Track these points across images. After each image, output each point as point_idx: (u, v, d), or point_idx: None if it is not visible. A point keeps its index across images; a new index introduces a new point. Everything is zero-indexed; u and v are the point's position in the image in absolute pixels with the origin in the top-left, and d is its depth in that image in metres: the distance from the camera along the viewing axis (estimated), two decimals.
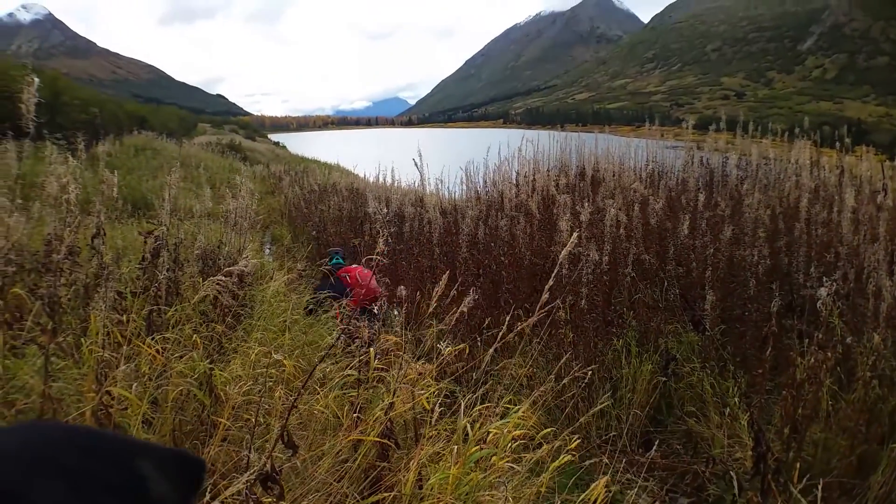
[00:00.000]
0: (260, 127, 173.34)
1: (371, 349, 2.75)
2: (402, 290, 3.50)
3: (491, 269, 5.63)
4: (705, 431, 3.79)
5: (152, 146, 22.17)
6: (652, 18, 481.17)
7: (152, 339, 3.08)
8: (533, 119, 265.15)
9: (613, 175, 7.48)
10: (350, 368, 3.09)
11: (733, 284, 4.65)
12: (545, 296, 2.85)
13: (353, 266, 6.21)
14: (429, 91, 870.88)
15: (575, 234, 2.96)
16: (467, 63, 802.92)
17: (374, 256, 2.55)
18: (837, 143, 6.85)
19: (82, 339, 3.03)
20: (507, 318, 3.52)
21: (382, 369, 3.04)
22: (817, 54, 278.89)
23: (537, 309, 2.87)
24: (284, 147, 66.12)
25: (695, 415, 3.94)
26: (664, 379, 4.08)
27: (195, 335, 3.26)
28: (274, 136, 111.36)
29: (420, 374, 2.97)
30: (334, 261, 6.38)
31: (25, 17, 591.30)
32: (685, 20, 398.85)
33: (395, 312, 3.19)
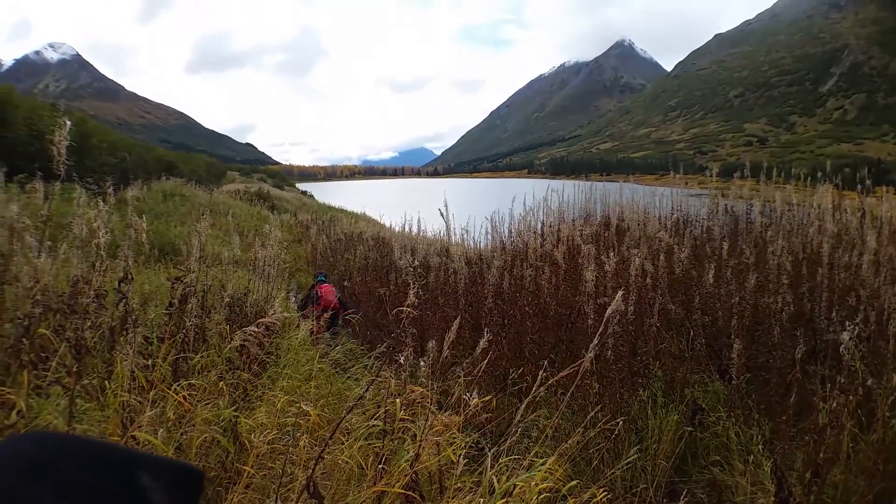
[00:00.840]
0: (288, 175, 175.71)
1: (397, 400, 2.76)
2: (432, 344, 3.52)
3: (516, 319, 5.62)
4: (729, 479, 3.73)
5: (181, 192, 22.41)
6: (675, 66, 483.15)
7: (178, 384, 3.10)
8: (557, 169, 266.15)
9: (638, 224, 7.47)
10: (375, 419, 3.08)
11: (758, 332, 4.60)
12: (590, 353, 2.84)
13: (326, 285, 8.41)
14: (454, 142, 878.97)
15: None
16: (492, 114, 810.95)
17: (405, 309, 2.58)
18: (858, 186, 6.81)
19: (107, 383, 3.06)
20: (534, 371, 3.51)
21: (408, 420, 3.03)
22: (837, 95, 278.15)
23: (568, 367, 2.86)
24: (311, 196, 66.80)
25: (719, 463, 3.89)
26: (690, 429, 4.03)
27: (221, 382, 3.28)
28: (301, 185, 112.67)
29: (446, 425, 2.95)
30: (319, 279, 8.87)
31: (53, 56, 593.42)
32: (708, 67, 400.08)
33: (421, 363, 3.18)
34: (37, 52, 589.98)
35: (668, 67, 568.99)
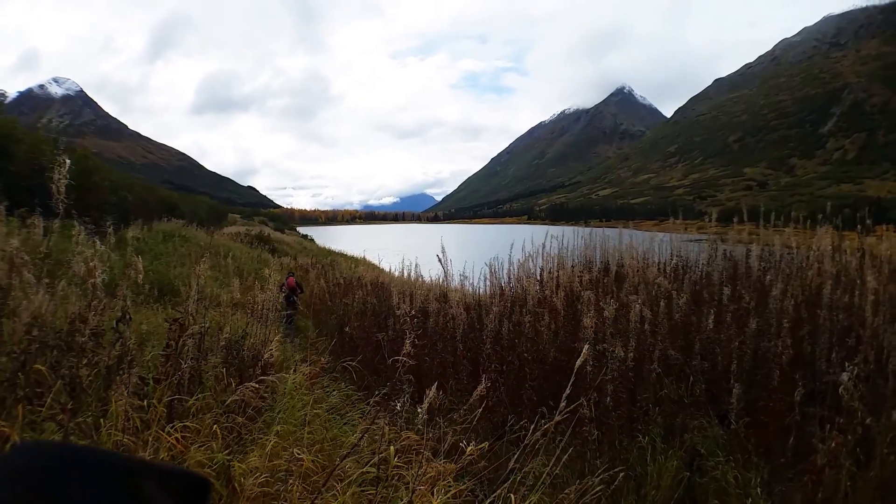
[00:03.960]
0: (289, 219, 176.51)
1: (391, 447, 2.72)
2: (430, 391, 3.48)
3: (514, 365, 5.57)
4: None
5: (181, 233, 22.44)
6: (675, 112, 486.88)
7: (172, 426, 3.06)
8: (557, 215, 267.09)
9: (637, 270, 7.46)
10: (370, 465, 3.03)
11: (758, 376, 4.56)
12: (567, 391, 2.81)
13: (291, 277, 14.74)
14: (455, 187, 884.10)
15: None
16: (493, 160, 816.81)
17: (401, 358, 2.56)
18: (858, 226, 6.77)
19: (102, 421, 3.02)
20: (532, 418, 3.47)
21: (402, 467, 2.98)
22: (838, 136, 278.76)
23: (560, 407, 2.83)
24: (312, 240, 66.99)
25: None
26: (688, 475, 3.97)
27: (215, 426, 3.24)
28: (302, 229, 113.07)
29: (440, 473, 2.90)
30: (289, 274, 15.14)
31: (56, 91, 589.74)
32: (707, 112, 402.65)
33: (418, 409, 3.14)
34: (41, 86, 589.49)
35: (668, 113, 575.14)
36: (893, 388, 3.66)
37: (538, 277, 7.96)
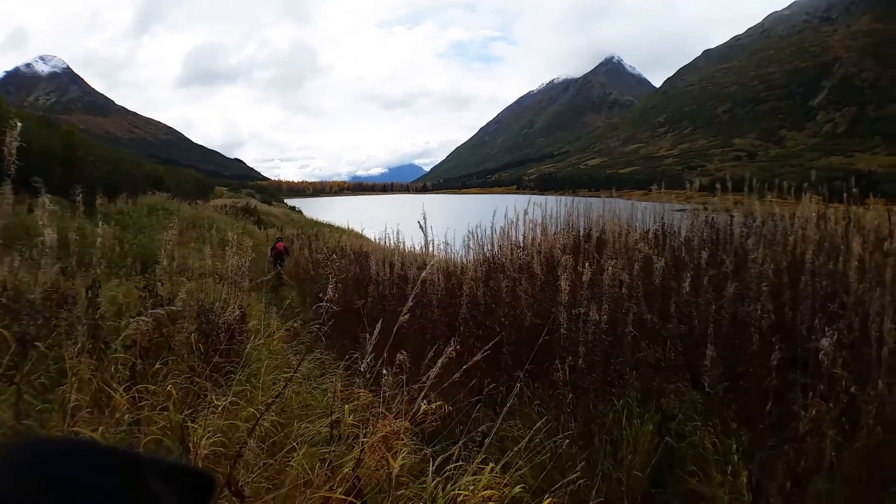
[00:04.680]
0: (277, 191, 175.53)
1: (346, 406, 2.69)
2: (402, 356, 3.46)
3: (492, 329, 5.54)
4: (706, 491, 3.64)
5: (166, 206, 22.36)
6: (664, 83, 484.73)
7: (133, 388, 3.06)
8: (546, 185, 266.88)
9: (619, 236, 7.43)
10: (323, 426, 3.02)
11: (737, 341, 4.52)
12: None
13: (280, 242, 17.33)
14: (443, 158, 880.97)
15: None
16: (481, 130, 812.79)
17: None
18: (845, 195, 6.71)
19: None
20: (507, 380, 3.45)
21: (356, 426, 2.97)
22: (828, 108, 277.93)
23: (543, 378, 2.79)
24: (300, 211, 66.81)
25: (696, 474, 3.80)
26: (665, 439, 3.96)
27: (170, 387, 3.23)
28: (290, 201, 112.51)
29: (394, 431, 2.87)
30: (277, 239, 18.24)
31: (43, 68, 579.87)
32: (697, 83, 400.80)
33: (385, 372, 3.13)
34: (27, 65, 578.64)
35: (657, 84, 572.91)
36: (878, 357, 3.62)
37: (519, 243, 7.92)
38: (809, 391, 3.25)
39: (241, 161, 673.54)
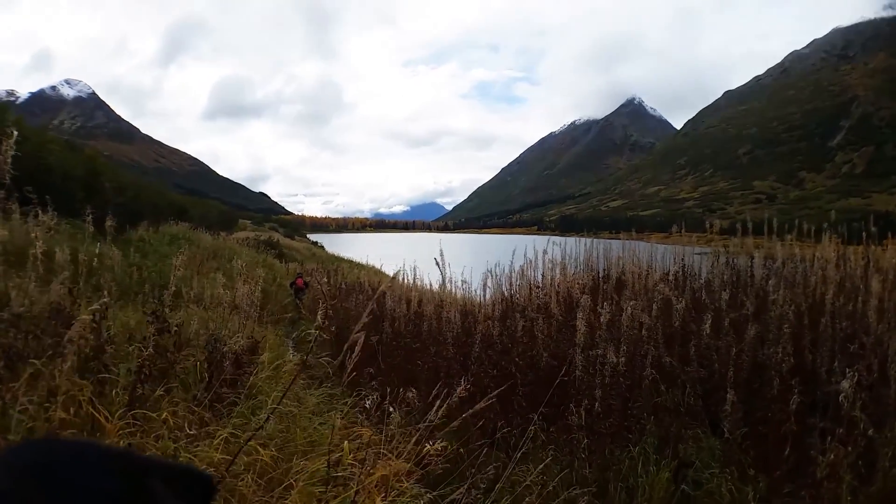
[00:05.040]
0: (300, 226, 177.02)
1: (346, 444, 2.61)
2: (412, 393, 3.38)
3: (507, 370, 5.42)
4: None
5: (187, 236, 22.47)
6: (685, 124, 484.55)
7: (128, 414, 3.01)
8: (567, 226, 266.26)
9: (639, 277, 7.33)
10: (322, 463, 2.92)
11: (757, 385, 4.38)
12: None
13: (300, 278, 17.15)
14: (465, 197, 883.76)
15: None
16: (503, 170, 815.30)
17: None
18: (864, 234, 6.59)
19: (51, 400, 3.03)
20: (521, 423, 3.34)
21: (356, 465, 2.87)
22: (846, 149, 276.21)
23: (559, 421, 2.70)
24: (322, 247, 67.22)
25: None
26: (681, 487, 3.81)
27: (165, 414, 3.18)
28: (313, 236, 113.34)
29: (396, 473, 2.77)
30: (298, 274, 18.32)
31: (68, 92, 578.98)
32: (717, 124, 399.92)
33: (390, 409, 3.04)
34: (53, 88, 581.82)
35: (678, 125, 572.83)
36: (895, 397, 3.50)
37: (538, 283, 7.85)
38: (828, 436, 3.14)
39: (266, 195, 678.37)
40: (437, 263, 7.76)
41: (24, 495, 0.50)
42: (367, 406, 3.09)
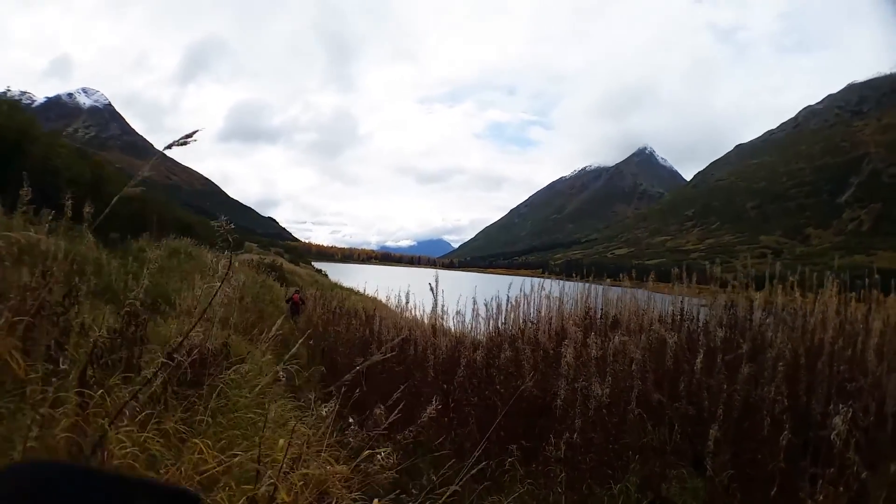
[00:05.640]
0: (306, 253, 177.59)
1: (282, 441, 2.46)
2: (378, 410, 3.24)
3: (489, 399, 5.22)
4: None
5: (188, 251, 22.44)
6: (694, 176, 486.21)
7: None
8: (572, 270, 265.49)
9: (635, 316, 7.16)
10: (252, 461, 2.77)
11: (747, 424, 4.16)
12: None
13: (297, 294, 18.64)
14: (472, 236, 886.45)
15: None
16: (512, 211, 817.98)
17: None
18: (867, 280, 6.40)
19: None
20: (499, 453, 3.16)
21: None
22: (854, 206, 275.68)
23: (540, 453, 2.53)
24: (326, 275, 67.17)
25: None
26: None
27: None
28: (318, 264, 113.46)
29: (331, 475, 2.59)
30: (294, 290, 20.61)
31: (85, 101, 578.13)
32: (727, 178, 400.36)
33: (350, 420, 2.90)
34: (69, 95, 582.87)
35: (688, 177, 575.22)
36: (892, 435, 3.30)
37: (531, 319, 7.69)
38: (819, 479, 2.94)
39: (274, 220, 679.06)
40: (431, 289, 7.68)
41: None
42: (324, 414, 2.93)
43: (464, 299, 9.29)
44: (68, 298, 3.66)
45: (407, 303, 10.81)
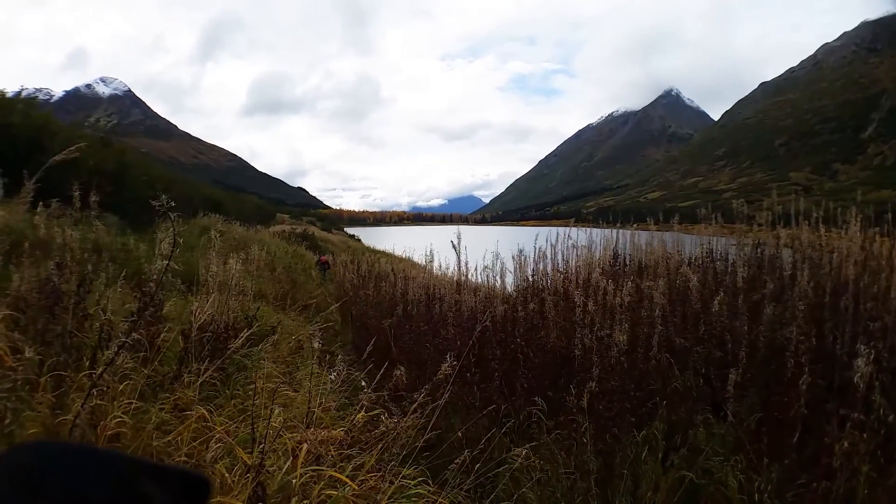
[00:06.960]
0: (338, 220, 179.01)
1: (277, 409, 2.50)
2: (398, 371, 3.27)
3: (513, 353, 5.21)
4: None
5: (218, 228, 22.74)
6: (722, 116, 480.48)
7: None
8: (605, 218, 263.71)
9: (662, 260, 7.07)
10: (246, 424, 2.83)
11: (772, 366, 4.07)
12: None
13: (325, 256, 24.97)
14: (503, 190, 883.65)
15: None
16: (541, 163, 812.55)
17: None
18: (891, 219, 6.24)
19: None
20: (525, 405, 3.18)
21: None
22: (877, 141, 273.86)
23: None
24: (359, 240, 67.68)
25: None
26: (690, 476, 3.57)
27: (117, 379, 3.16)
28: (350, 230, 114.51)
29: (322, 441, 2.63)
30: (322, 254, 27.59)
31: (104, 90, 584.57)
32: (754, 116, 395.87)
33: (363, 383, 2.93)
34: (88, 86, 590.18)
35: (715, 116, 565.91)
36: None
37: (559, 268, 7.64)
38: (846, 422, 2.87)
39: (304, 190, 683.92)
40: (454, 246, 7.68)
41: (15, 501, 0.50)
42: (332, 378, 2.95)
43: (490, 255, 9.30)
44: (83, 287, 3.72)
45: (432, 261, 10.83)
